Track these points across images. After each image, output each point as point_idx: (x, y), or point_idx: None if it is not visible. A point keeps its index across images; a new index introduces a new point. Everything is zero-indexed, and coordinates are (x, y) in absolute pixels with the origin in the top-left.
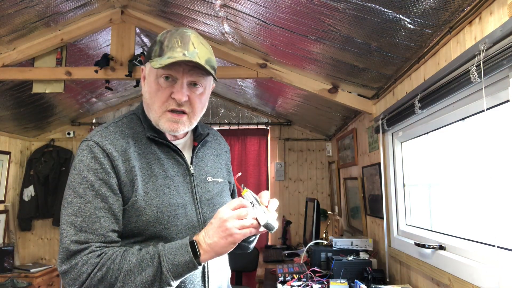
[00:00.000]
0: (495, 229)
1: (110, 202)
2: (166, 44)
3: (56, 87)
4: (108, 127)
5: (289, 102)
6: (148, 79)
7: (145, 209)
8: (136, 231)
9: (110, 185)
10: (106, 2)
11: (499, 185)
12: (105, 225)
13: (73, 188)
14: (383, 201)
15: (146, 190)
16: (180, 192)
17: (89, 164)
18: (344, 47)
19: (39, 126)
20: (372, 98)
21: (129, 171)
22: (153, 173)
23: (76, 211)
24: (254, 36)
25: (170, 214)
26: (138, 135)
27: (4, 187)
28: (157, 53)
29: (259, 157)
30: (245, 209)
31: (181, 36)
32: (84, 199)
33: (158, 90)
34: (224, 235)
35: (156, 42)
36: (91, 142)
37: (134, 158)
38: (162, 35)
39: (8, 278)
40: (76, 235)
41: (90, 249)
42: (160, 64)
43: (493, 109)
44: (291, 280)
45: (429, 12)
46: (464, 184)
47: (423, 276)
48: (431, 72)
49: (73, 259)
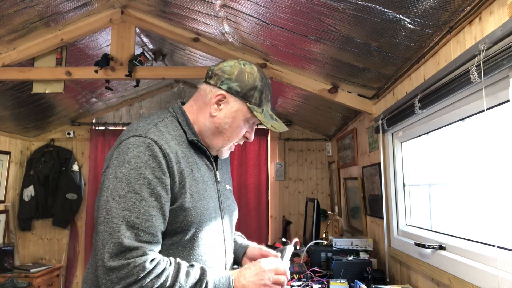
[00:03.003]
0: (495, 229)
1: (163, 202)
2: (264, 97)
3: (56, 87)
4: (157, 127)
5: (289, 102)
6: (235, 114)
7: (192, 210)
8: (179, 230)
9: (165, 185)
10: (106, 2)
11: (499, 185)
12: (156, 224)
13: (128, 183)
14: (383, 201)
15: (191, 192)
16: (212, 197)
17: (147, 162)
18: (344, 47)
19: (39, 126)
20: (372, 98)
21: (180, 173)
22: (194, 177)
23: (131, 206)
24: (254, 36)
25: (208, 217)
26: (180, 138)
27: (4, 187)
28: (257, 102)
29: (259, 157)
30: (283, 266)
31: (269, 89)
32: (139, 196)
33: (241, 129)
34: (259, 283)
35: (256, 88)
36: (148, 140)
37: (182, 161)
38: (261, 82)
39: (8, 278)
40: (128, 230)
41: (142, 250)
42: (271, 126)
43: (493, 109)
44: (291, 280)
45: (429, 12)
46: (464, 184)
47: (423, 276)
48: (431, 72)
49: (124, 258)
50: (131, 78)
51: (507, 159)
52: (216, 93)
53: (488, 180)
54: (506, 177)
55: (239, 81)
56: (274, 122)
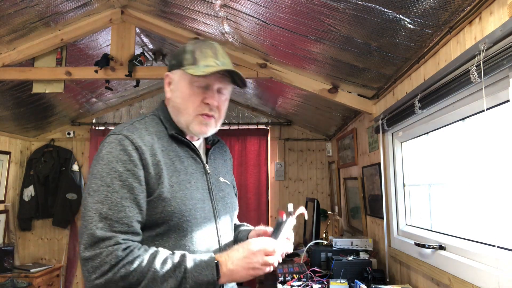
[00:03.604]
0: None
1: (136, 193)
2: (198, 54)
3: (56, 87)
4: (133, 124)
5: (289, 102)
6: (179, 85)
7: (171, 200)
8: (160, 221)
9: (137, 176)
10: (106, 2)
11: (499, 185)
12: (129, 215)
13: (100, 177)
14: (383, 201)
15: (171, 183)
16: (199, 188)
17: (118, 156)
18: (344, 47)
19: (39, 126)
20: (372, 98)
21: (156, 165)
22: (176, 169)
23: (103, 199)
24: (254, 36)
25: (191, 207)
26: (161, 133)
27: (4, 187)
28: (190, 62)
29: (259, 157)
30: (272, 246)
31: (210, 47)
32: (111, 188)
33: (192, 95)
34: (247, 266)
35: (185, 51)
36: (120, 136)
37: (159, 153)
38: (192, 45)
39: (8, 278)
40: (101, 221)
41: (115, 239)
42: (202, 72)
43: (493, 109)
44: (291, 280)
45: (429, 12)
46: (464, 184)
47: (423, 276)
48: (431, 72)
49: (98, 247)
50: (131, 78)
51: (507, 159)
52: (164, 80)
53: (488, 180)
54: (506, 177)
55: (173, 56)
56: (210, 68)
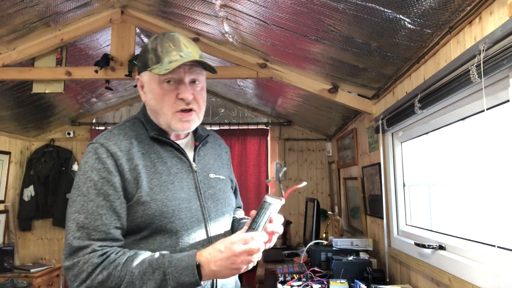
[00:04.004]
0: (495, 229)
1: (112, 200)
2: (160, 50)
3: (56, 87)
4: (112, 130)
5: (289, 102)
6: (150, 87)
7: (150, 203)
8: (142, 225)
9: (112, 183)
10: (106, 2)
11: (499, 185)
12: (106, 222)
13: (78, 188)
14: (383, 201)
15: (151, 186)
16: (184, 188)
17: (93, 165)
18: (344, 47)
19: (39, 126)
20: (372, 98)
21: (133, 169)
22: (157, 171)
23: (79, 209)
24: (254, 36)
25: (174, 208)
26: (141, 136)
27: (4, 187)
28: (154, 61)
29: (259, 157)
30: (256, 243)
31: (171, 40)
32: (87, 197)
33: (164, 95)
34: (231, 267)
35: (148, 51)
36: (96, 144)
37: (138, 157)
38: (152, 43)
39: (8, 278)
40: (78, 231)
41: (92, 247)
42: (166, 70)
43: (493, 109)
44: (291, 280)
45: (429, 12)
46: (464, 184)
47: (423, 276)
48: (431, 72)
49: (76, 256)
50: (131, 78)
51: (507, 159)
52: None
53: (488, 180)
54: (506, 177)
55: (139, 57)
56: (173, 63)
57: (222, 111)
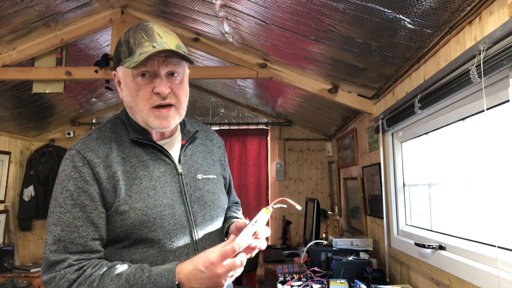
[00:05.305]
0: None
1: (89, 211)
2: (133, 42)
3: (56, 87)
4: (91, 134)
5: (289, 102)
6: (125, 82)
7: (129, 213)
8: (122, 235)
9: (89, 193)
10: (106, 2)
11: (499, 185)
12: (83, 234)
13: (55, 198)
14: (383, 201)
15: (130, 193)
16: (167, 193)
17: (69, 174)
18: (344, 47)
19: (39, 126)
20: (372, 98)
21: (111, 177)
22: (137, 176)
23: (56, 221)
24: (254, 36)
25: (155, 216)
26: (122, 138)
27: (4, 187)
28: (126, 54)
29: (259, 157)
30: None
31: (144, 30)
32: (63, 209)
33: (138, 90)
34: (214, 286)
35: (121, 44)
36: (73, 151)
37: (117, 163)
38: (125, 35)
39: (8, 278)
40: (54, 244)
41: (68, 262)
42: (135, 63)
43: (493, 109)
44: (291, 280)
45: (429, 12)
46: (465, 184)
47: (423, 276)
48: (431, 72)
49: (53, 271)
50: None
51: (507, 159)
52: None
53: (488, 180)
54: (506, 177)
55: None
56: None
57: (222, 111)
